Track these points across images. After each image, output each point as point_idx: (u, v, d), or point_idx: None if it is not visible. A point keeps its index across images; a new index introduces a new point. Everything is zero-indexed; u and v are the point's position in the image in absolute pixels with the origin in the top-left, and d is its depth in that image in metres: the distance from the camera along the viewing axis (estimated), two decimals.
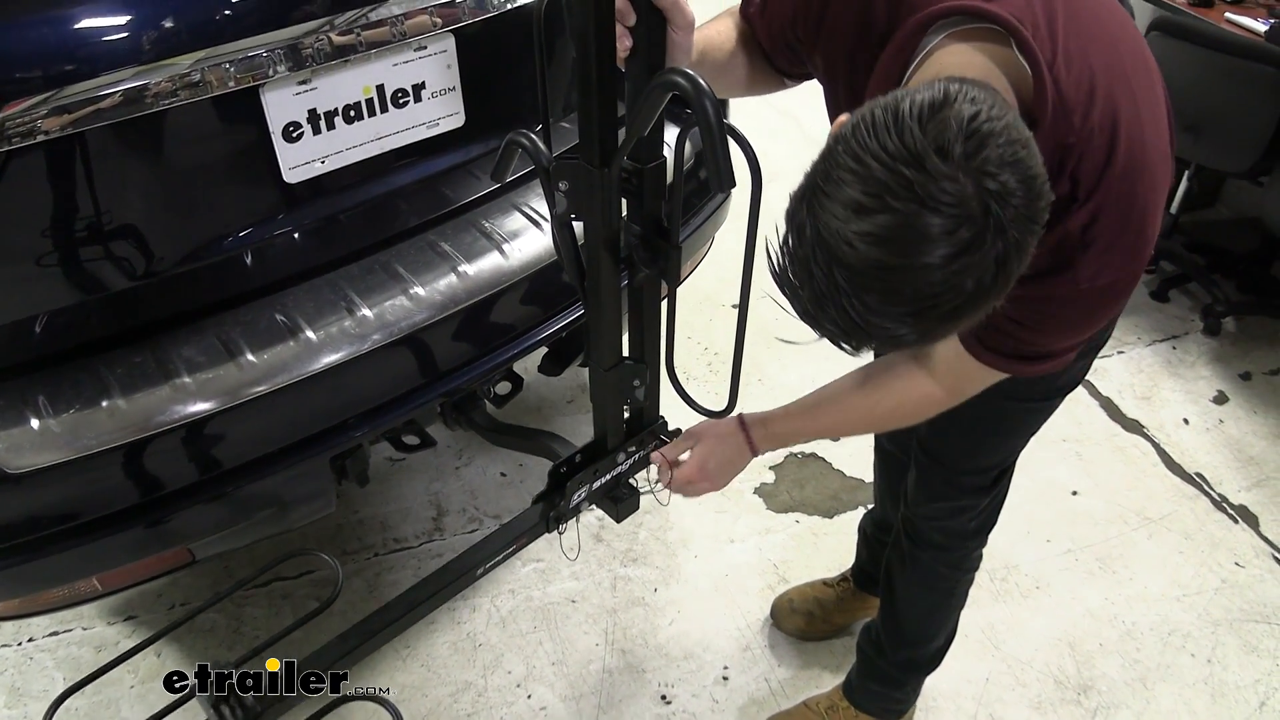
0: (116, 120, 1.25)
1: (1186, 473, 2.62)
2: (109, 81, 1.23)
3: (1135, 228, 0.98)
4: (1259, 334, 3.13)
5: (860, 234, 0.77)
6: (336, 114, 1.47)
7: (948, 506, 1.59)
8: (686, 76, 0.90)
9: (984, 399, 1.39)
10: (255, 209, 1.49)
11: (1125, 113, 0.95)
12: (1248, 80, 2.66)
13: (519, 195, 1.75)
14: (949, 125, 0.75)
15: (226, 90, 1.32)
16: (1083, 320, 1.07)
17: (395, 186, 1.61)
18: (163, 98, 1.27)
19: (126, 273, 1.41)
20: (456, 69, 1.56)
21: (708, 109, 0.89)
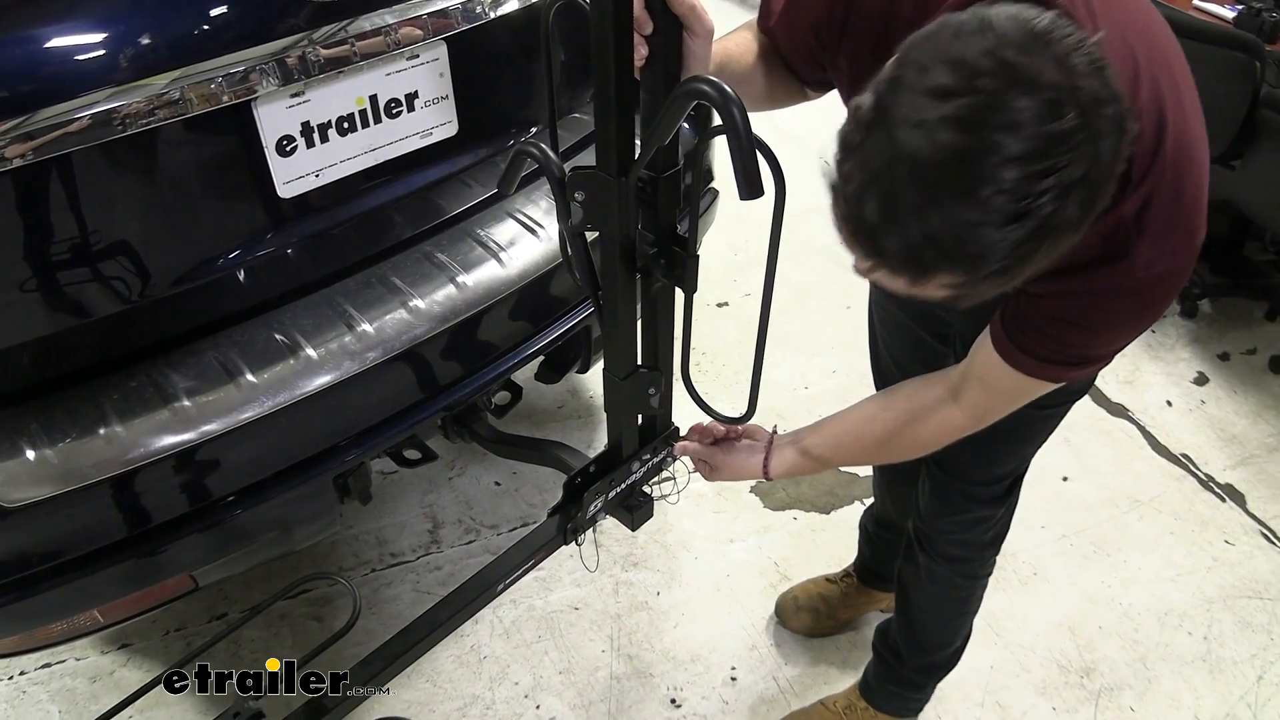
0: (106, 140, 1.22)
1: (1173, 454, 2.65)
2: (96, 100, 1.19)
3: (1188, 213, 0.96)
4: (1234, 315, 3.18)
5: (940, 119, 0.72)
6: (330, 126, 1.44)
7: (964, 519, 1.59)
8: (713, 84, 0.89)
9: None
10: (250, 226, 1.46)
11: (1169, 97, 0.93)
12: (1218, 66, 2.69)
13: (512, 202, 1.73)
14: (1043, 20, 0.73)
15: (219, 106, 1.29)
16: (1138, 314, 1.03)
17: (390, 198, 1.59)
18: (154, 116, 1.23)
19: (120, 296, 1.37)
20: (449, 77, 1.54)
21: (735, 117, 0.88)
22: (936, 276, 0.80)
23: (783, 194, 0.97)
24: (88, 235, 1.31)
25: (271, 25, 1.31)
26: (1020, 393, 1.15)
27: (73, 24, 1.22)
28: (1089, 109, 0.72)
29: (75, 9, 1.22)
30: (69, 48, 1.21)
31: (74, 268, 1.32)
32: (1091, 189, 0.75)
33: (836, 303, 2.83)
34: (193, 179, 1.38)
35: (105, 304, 1.36)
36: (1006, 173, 0.71)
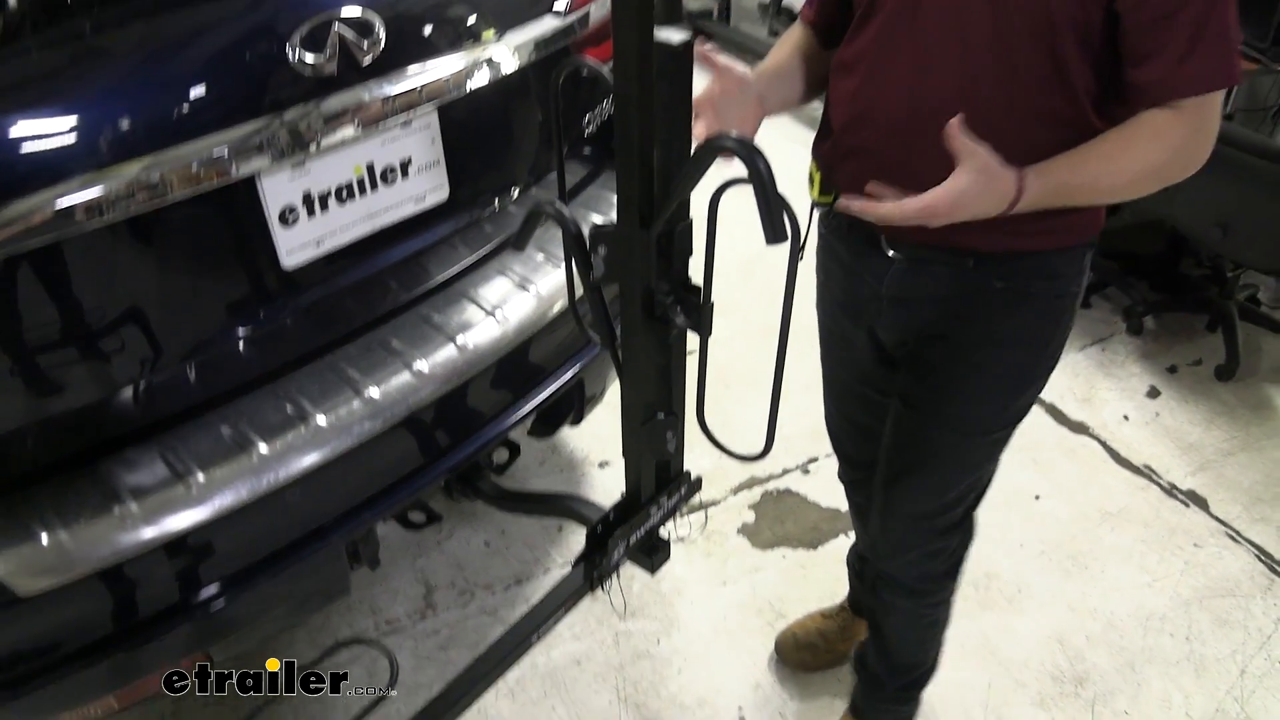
0: (116, 220, 1.23)
1: (1135, 466, 2.75)
2: (105, 179, 1.20)
3: None
4: (1177, 329, 3.33)
5: None
6: (330, 195, 1.47)
7: (918, 554, 1.64)
8: (736, 140, 0.94)
9: (942, 437, 1.49)
10: (255, 298, 1.47)
11: None
12: None
13: (503, 260, 1.77)
14: None
15: (226, 181, 1.31)
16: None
17: (387, 263, 1.61)
18: (163, 194, 1.25)
19: (128, 373, 1.37)
20: (440, 143, 1.58)
21: (759, 168, 0.93)
22: None
23: (798, 239, 1.02)
24: (97, 314, 1.31)
25: (278, 99, 1.34)
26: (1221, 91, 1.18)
27: (86, 104, 1.22)
28: None
29: (92, 90, 1.23)
30: (80, 127, 1.21)
31: (82, 347, 1.32)
32: None
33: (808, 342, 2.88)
34: (200, 255, 1.40)
35: (112, 382, 1.36)
36: None
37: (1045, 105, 1.20)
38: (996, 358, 1.42)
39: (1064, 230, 1.32)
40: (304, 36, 1.34)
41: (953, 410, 1.47)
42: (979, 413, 1.47)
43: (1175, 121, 1.16)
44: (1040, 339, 1.42)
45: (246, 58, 1.33)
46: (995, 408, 1.47)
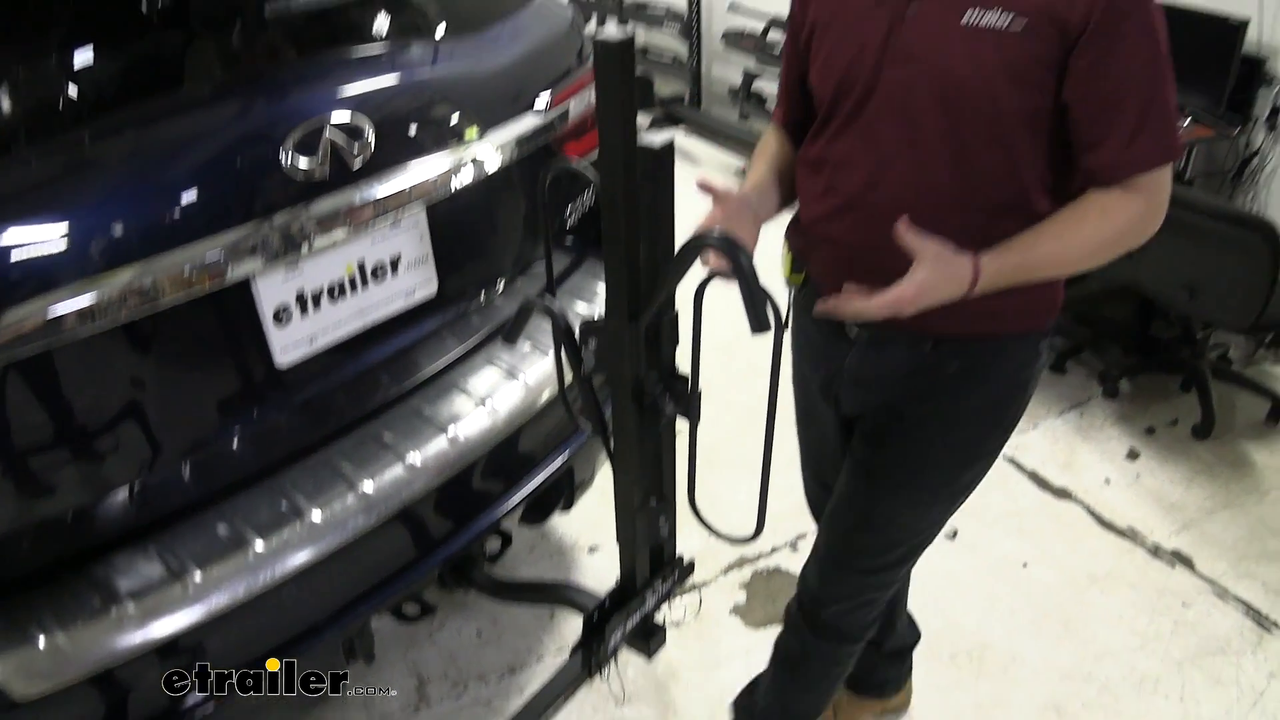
0: (112, 325, 1.26)
1: (1119, 529, 2.78)
2: (100, 285, 1.23)
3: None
4: (1152, 390, 3.38)
5: None
6: (322, 294, 1.51)
7: (853, 603, 1.67)
8: (720, 236, 0.98)
9: (890, 504, 1.54)
10: (250, 397, 1.50)
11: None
12: None
13: (491, 350, 1.80)
14: None
15: (222, 284, 1.34)
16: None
17: (378, 358, 1.64)
18: (158, 299, 1.28)
19: (124, 475, 1.39)
20: (428, 239, 1.62)
21: (743, 263, 0.98)
22: None
23: (781, 331, 1.06)
24: (93, 417, 1.34)
25: (272, 203, 1.38)
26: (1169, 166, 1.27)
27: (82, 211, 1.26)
28: None
29: (88, 196, 1.27)
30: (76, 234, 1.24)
31: (78, 450, 1.34)
32: None
33: (787, 419, 2.92)
34: (196, 356, 1.43)
35: (108, 484, 1.38)
36: None
37: (999, 196, 1.27)
38: (948, 434, 1.48)
39: (1020, 315, 1.38)
40: (297, 142, 1.39)
41: (902, 479, 1.53)
42: (927, 483, 1.53)
43: (1125, 198, 1.24)
44: (993, 418, 1.48)
45: (241, 164, 1.38)
46: (944, 480, 1.53)
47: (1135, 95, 1.19)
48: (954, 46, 1.21)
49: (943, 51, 1.22)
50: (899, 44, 1.25)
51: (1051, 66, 1.19)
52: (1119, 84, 1.19)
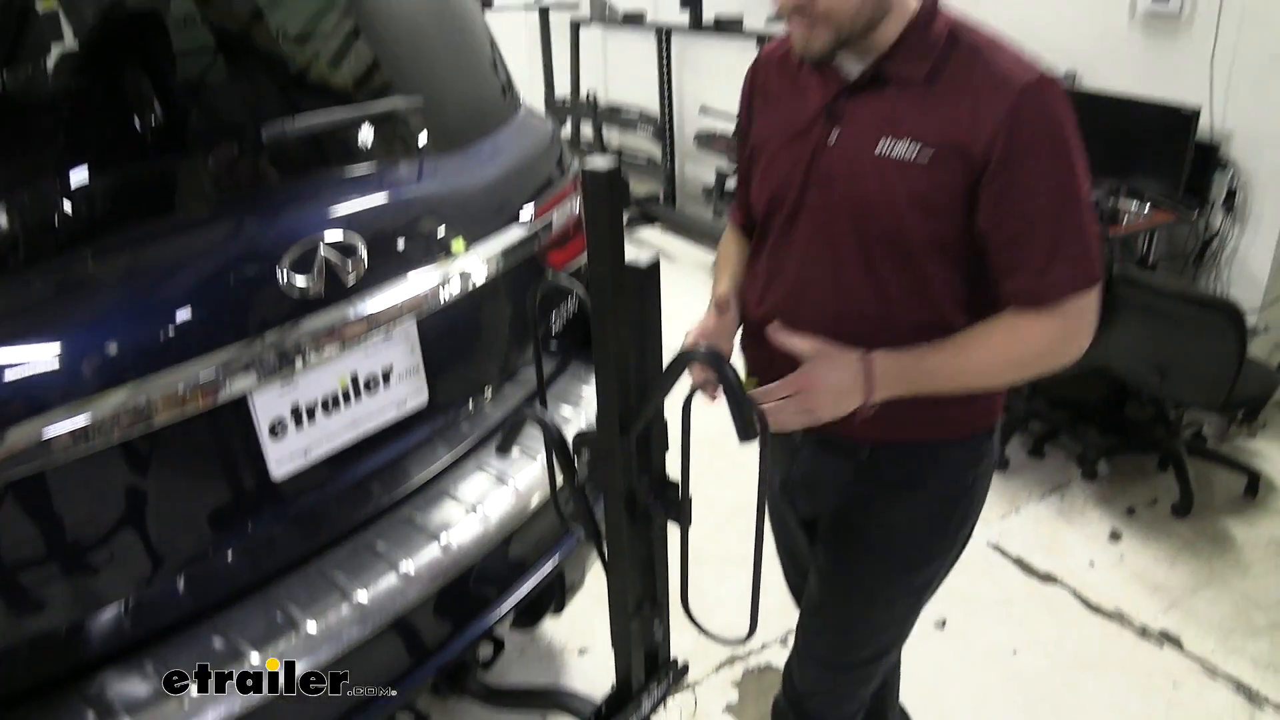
0: (112, 442, 1.28)
1: (1107, 611, 2.79)
2: (100, 404, 1.26)
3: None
4: (1130, 470, 3.43)
5: None
6: (317, 406, 1.54)
7: (831, 697, 1.67)
8: (706, 350, 1.03)
9: (846, 605, 1.56)
10: (245, 510, 1.51)
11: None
12: None
13: (480, 457, 1.83)
14: None
15: (222, 400, 1.38)
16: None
17: (371, 468, 1.67)
18: (158, 416, 1.31)
19: (119, 590, 1.39)
20: (419, 350, 1.66)
21: (729, 376, 1.02)
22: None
23: (766, 438, 1.10)
24: (89, 532, 1.35)
25: (269, 320, 1.43)
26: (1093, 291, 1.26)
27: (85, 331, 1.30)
28: None
29: (88, 317, 1.31)
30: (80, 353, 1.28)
31: (73, 566, 1.35)
32: None
33: None
34: (193, 471, 1.45)
35: (103, 599, 1.38)
36: None
37: (914, 318, 1.32)
38: (893, 540, 1.49)
39: (955, 422, 1.41)
40: (293, 260, 1.44)
41: (855, 584, 1.54)
42: (880, 588, 1.53)
43: (1039, 319, 1.26)
44: (939, 521, 1.49)
45: (240, 283, 1.42)
46: (897, 583, 1.53)
47: (1046, 223, 1.21)
48: (867, 174, 1.27)
49: (857, 178, 1.28)
50: (820, 169, 1.32)
51: (958, 196, 1.23)
52: (1028, 213, 1.21)
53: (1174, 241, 3.71)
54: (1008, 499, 3.29)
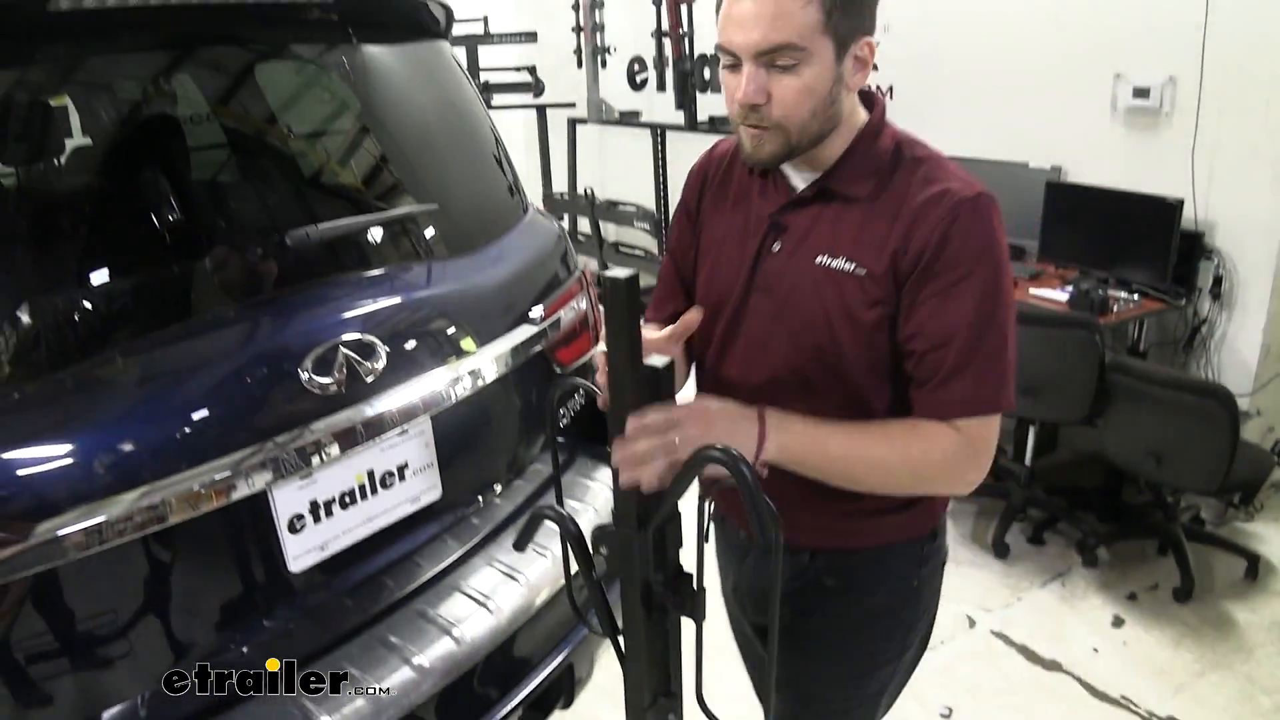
0: (136, 537, 1.31)
1: (1112, 698, 2.79)
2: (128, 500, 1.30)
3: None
4: (1130, 555, 3.45)
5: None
6: (334, 502, 1.57)
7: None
8: (723, 450, 1.07)
9: (804, 709, 1.53)
10: (263, 603, 1.54)
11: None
12: (1066, 344, 3.12)
13: (491, 552, 1.85)
14: None
15: (240, 496, 1.41)
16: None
17: (385, 563, 1.69)
18: (186, 510, 1.35)
19: (130, 688, 1.40)
20: (433, 447, 1.70)
21: (746, 475, 1.06)
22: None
23: (779, 540, 1.12)
24: (103, 628, 1.37)
25: (292, 419, 1.48)
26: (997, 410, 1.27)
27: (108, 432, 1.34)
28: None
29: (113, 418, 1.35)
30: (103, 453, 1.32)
31: (85, 662, 1.36)
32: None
33: None
34: (213, 565, 1.48)
35: (115, 697, 1.39)
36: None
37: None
38: (840, 646, 1.48)
39: (894, 528, 1.42)
40: (315, 360, 1.49)
41: (809, 691, 1.52)
42: (828, 694, 1.53)
43: (942, 429, 1.25)
44: (886, 626, 1.48)
45: (265, 382, 1.48)
46: (845, 691, 1.52)
47: (963, 340, 1.22)
48: (804, 285, 1.29)
49: (795, 288, 1.30)
50: (762, 276, 1.34)
51: (888, 310, 1.25)
52: (948, 326, 1.22)
53: (1164, 328, 3.79)
54: (1009, 587, 3.29)
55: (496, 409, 1.88)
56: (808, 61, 1.18)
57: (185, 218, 1.67)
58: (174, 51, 1.77)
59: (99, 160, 2.15)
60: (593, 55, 5.83)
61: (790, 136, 1.23)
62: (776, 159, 1.26)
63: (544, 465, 2.03)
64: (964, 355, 1.22)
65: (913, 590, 1.47)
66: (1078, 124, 3.88)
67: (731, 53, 1.21)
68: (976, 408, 1.25)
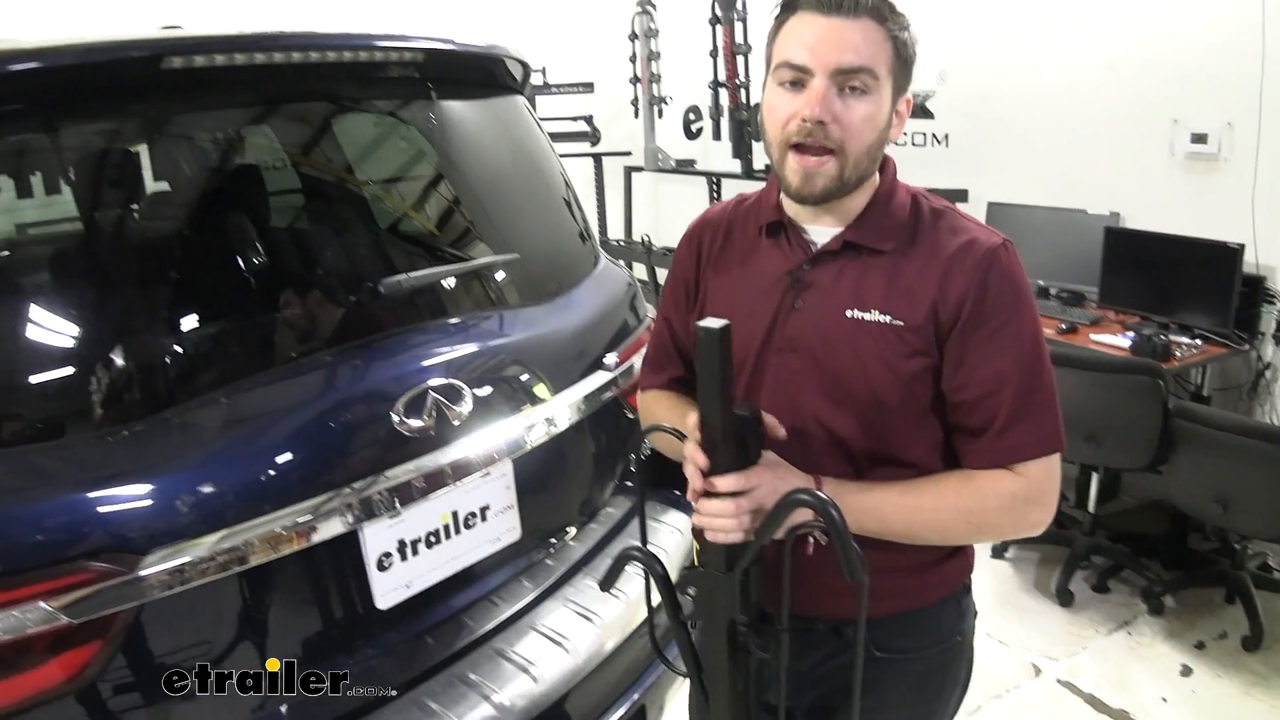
0: (237, 572, 1.38)
1: None
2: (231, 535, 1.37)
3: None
4: (1197, 604, 3.40)
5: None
6: (420, 541, 1.62)
7: None
8: (813, 494, 1.11)
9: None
10: (351, 638, 1.58)
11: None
12: (1129, 390, 3.11)
13: (564, 593, 1.89)
14: None
15: (337, 532, 1.48)
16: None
17: (465, 602, 1.74)
18: (285, 545, 1.42)
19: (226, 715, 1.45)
20: (514, 489, 1.75)
21: (835, 518, 1.09)
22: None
23: (863, 578, 1.15)
24: (193, 661, 1.41)
25: (385, 460, 1.54)
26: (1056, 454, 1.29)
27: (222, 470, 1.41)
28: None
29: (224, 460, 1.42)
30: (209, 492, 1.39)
31: (180, 696, 1.39)
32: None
33: None
34: (306, 601, 1.53)
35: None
36: None
37: (883, 477, 1.30)
38: (895, 715, 1.44)
39: (935, 585, 1.41)
40: (407, 403, 1.55)
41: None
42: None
43: (998, 476, 1.26)
44: (931, 692, 1.46)
45: (359, 425, 1.55)
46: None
47: (1013, 386, 1.23)
48: (838, 340, 1.28)
49: (829, 344, 1.29)
50: (784, 334, 1.32)
51: (929, 360, 1.26)
52: (995, 374, 1.24)
53: (1227, 374, 3.75)
54: (1075, 635, 3.26)
55: (572, 453, 1.93)
56: (877, 91, 1.21)
57: (272, 263, 1.75)
58: (261, 105, 1.86)
59: (182, 206, 2.22)
60: (649, 105, 5.93)
61: (845, 167, 1.23)
62: (829, 193, 1.25)
63: (615, 509, 2.07)
64: (1021, 399, 1.24)
65: (958, 646, 1.46)
66: (1136, 170, 3.89)
67: (800, 68, 1.20)
68: (1040, 449, 1.26)
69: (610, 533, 2.05)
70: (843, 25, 1.18)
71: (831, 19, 1.18)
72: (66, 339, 1.45)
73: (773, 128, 1.26)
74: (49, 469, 1.34)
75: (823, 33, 1.19)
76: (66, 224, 1.76)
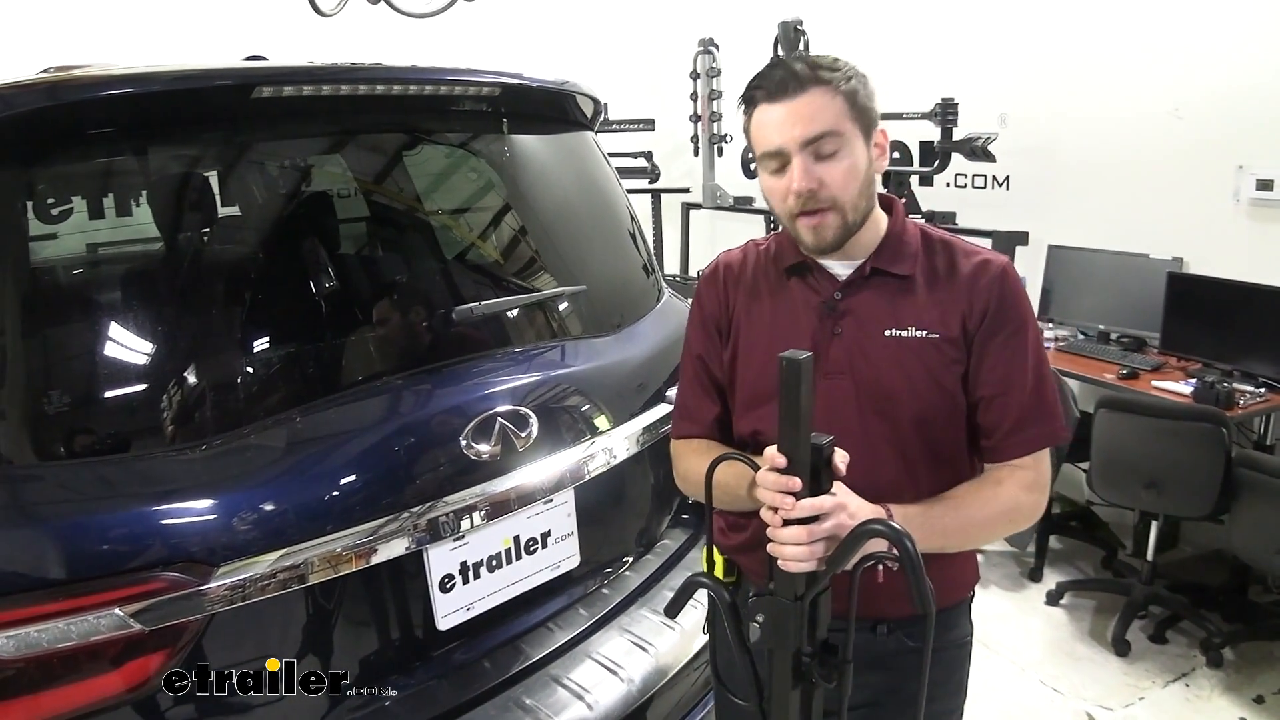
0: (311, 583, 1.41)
1: None
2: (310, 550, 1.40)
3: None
4: (1257, 657, 3.31)
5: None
6: (482, 565, 1.64)
7: None
8: (885, 524, 1.11)
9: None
10: (412, 657, 1.61)
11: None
12: (1191, 437, 3.06)
13: (620, 622, 1.89)
14: None
15: (403, 552, 1.50)
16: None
17: (523, 627, 1.75)
18: (361, 561, 1.46)
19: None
20: (575, 516, 1.77)
21: (909, 549, 1.10)
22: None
23: (932, 610, 1.15)
24: (259, 673, 1.43)
25: (453, 483, 1.57)
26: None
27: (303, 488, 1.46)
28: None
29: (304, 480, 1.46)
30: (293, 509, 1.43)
31: (250, 699, 1.42)
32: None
33: None
34: (371, 618, 1.56)
35: None
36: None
37: (935, 483, 1.40)
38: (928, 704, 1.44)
39: (955, 587, 1.50)
40: (474, 429, 1.58)
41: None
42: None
43: (1015, 471, 1.40)
44: (951, 685, 1.55)
45: (429, 449, 1.58)
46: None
47: (1024, 387, 1.38)
48: (881, 358, 1.38)
49: (875, 365, 1.38)
50: (829, 359, 1.39)
51: (962, 366, 1.38)
52: (1010, 377, 1.37)
53: None
54: (1131, 686, 3.18)
55: (631, 483, 1.94)
56: (846, 145, 1.33)
57: (344, 289, 1.78)
58: (339, 134, 1.91)
59: (254, 231, 2.27)
60: (709, 143, 5.97)
61: (846, 214, 1.35)
62: (840, 239, 1.37)
63: (672, 540, 2.08)
64: (1034, 397, 1.39)
65: (968, 648, 1.55)
66: (1199, 215, 3.84)
67: (777, 153, 1.34)
68: (1052, 438, 1.41)
69: (666, 564, 2.06)
70: (794, 104, 1.32)
71: (784, 103, 1.32)
72: (147, 357, 1.50)
73: (777, 206, 1.40)
74: (125, 480, 1.38)
75: (781, 117, 1.33)
76: (136, 245, 1.82)
